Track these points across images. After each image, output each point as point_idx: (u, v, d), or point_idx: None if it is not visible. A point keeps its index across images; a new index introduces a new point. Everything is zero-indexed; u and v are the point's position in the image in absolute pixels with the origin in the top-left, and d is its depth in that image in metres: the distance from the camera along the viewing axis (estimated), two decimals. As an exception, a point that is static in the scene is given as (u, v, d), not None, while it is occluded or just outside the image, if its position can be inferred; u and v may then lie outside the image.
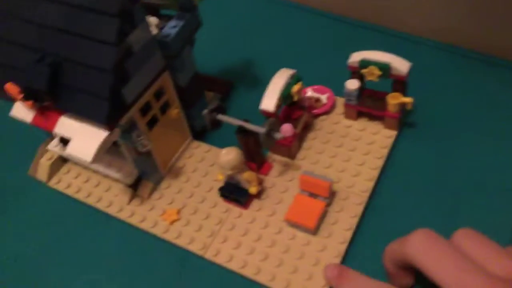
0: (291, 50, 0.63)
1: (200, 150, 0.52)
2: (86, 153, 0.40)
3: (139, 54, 0.41)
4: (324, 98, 0.53)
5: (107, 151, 0.42)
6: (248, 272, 0.42)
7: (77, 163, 0.51)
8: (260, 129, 0.43)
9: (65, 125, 0.42)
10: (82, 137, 0.41)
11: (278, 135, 0.43)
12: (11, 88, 0.41)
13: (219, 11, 0.52)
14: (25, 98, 0.41)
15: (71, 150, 0.41)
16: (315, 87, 0.54)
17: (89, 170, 0.52)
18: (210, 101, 0.56)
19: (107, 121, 0.40)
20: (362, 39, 0.62)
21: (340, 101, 0.54)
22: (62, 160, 0.52)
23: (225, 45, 0.65)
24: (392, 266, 0.37)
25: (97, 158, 0.40)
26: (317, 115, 0.52)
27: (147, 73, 0.43)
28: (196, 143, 0.53)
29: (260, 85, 0.59)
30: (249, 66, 0.62)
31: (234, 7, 0.70)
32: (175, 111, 0.49)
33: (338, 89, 0.53)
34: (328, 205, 0.45)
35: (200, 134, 0.54)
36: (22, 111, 0.44)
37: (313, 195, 0.45)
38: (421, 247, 0.33)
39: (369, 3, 0.64)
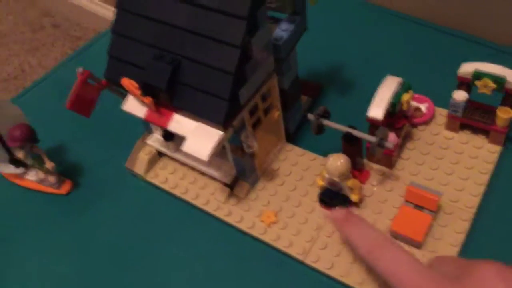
0: (386, 57, 0.61)
1: (293, 154, 0.52)
2: (201, 152, 0.40)
3: (257, 56, 0.41)
4: (423, 107, 0.52)
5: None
6: (352, 282, 0.42)
7: (175, 158, 0.52)
8: (371, 138, 0.43)
9: (180, 123, 0.42)
10: (198, 136, 0.41)
11: (389, 145, 0.42)
12: (127, 82, 0.42)
13: (312, 13, 0.52)
14: (143, 94, 0.42)
15: (187, 148, 0.41)
16: (415, 96, 0.52)
17: (184, 167, 0.52)
18: (304, 105, 0.56)
19: (224, 121, 0.40)
20: (459, 49, 0.60)
21: (439, 112, 0.52)
22: (159, 155, 0.53)
23: (315, 47, 0.64)
24: None
25: (212, 157, 0.40)
26: (415, 125, 0.51)
27: (260, 75, 0.43)
28: (289, 146, 0.53)
29: (350, 90, 0.59)
30: (339, 70, 0.61)
31: (329, 8, 0.69)
32: (276, 113, 0.49)
33: (436, 99, 0.53)
34: (433, 219, 0.44)
35: (292, 137, 0.54)
36: (134, 106, 0.45)
37: (419, 207, 0.44)
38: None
39: (467, 14, 0.62)
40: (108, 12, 1.37)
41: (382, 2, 0.68)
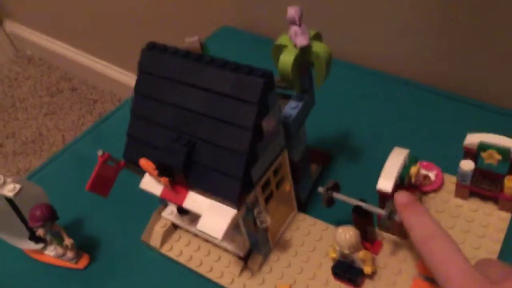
0: (393, 124, 0.63)
1: (305, 223, 0.53)
2: (216, 230, 0.42)
3: (267, 136, 0.43)
4: (432, 175, 0.53)
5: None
6: None
7: (189, 231, 0.53)
8: (381, 211, 0.44)
9: (194, 201, 0.44)
10: (212, 215, 0.42)
11: (398, 218, 0.43)
12: (145, 163, 0.44)
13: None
14: (160, 174, 0.43)
15: (202, 227, 0.42)
16: (423, 163, 0.54)
17: (199, 238, 0.53)
18: (313, 173, 0.58)
19: (238, 200, 0.41)
20: (465, 114, 0.62)
21: (448, 179, 0.53)
22: (174, 227, 0.54)
23: (323, 115, 0.66)
24: None
25: (226, 235, 0.42)
26: (425, 192, 0.52)
27: (272, 152, 0.45)
28: (301, 216, 0.54)
29: (359, 157, 0.60)
30: (347, 138, 0.63)
31: (335, 78, 0.72)
32: (288, 186, 0.50)
33: (444, 165, 0.54)
34: (448, 290, 0.44)
35: (303, 205, 0.55)
36: (151, 184, 0.46)
37: (431, 280, 0.44)
38: None
39: (472, 78, 0.65)
40: (124, 76, 1.42)
41: (389, 68, 0.71)
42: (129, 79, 1.40)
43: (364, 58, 0.74)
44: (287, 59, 0.44)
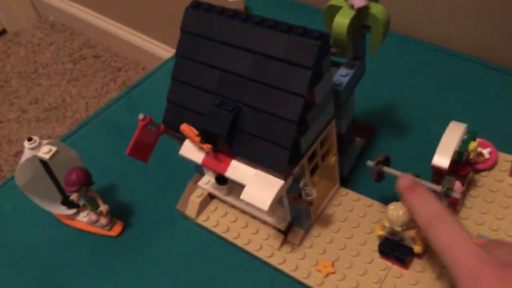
0: (444, 99, 0.60)
1: (348, 198, 0.51)
2: (262, 201, 0.39)
3: (319, 103, 0.40)
4: (486, 152, 0.50)
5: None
6: None
7: (226, 201, 0.51)
8: (437, 187, 0.41)
9: (238, 170, 0.42)
10: (257, 184, 0.40)
11: (456, 195, 0.40)
12: (187, 129, 0.42)
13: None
14: (203, 141, 0.41)
15: (246, 196, 0.40)
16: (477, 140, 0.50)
17: (236, 210, 0.51)
18: (357, 146, 0.55)
19: (286, 170, 0.39)
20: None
21: (502, 157, 0.50)
22: (210, 197, 0.52)
23: (370, 87, 0.62)
24: None
25: (272, 206, 0.39)
26: (478, 171, 0.49)
27: (321, 122, 0.42)
28: (344, 191, 0.51)
29: (406, 132, 0.57)
30: (394, 111, 0.59)
31: (386, 49, 0.68)
32: (333, 158, 0.48)
33: (497, 143, 0.50)
34: (504, 274, 0.41)
35: (345, 180, 0.53)
36: (192, 151, 0.44)
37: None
38: None
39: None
40: (149, 44, 1.39)
41: (442, 42, 0.67)
42: (154, 47, 1.37)
43: (417, 29, 0.69)
44: (342, 21, 0.41)
